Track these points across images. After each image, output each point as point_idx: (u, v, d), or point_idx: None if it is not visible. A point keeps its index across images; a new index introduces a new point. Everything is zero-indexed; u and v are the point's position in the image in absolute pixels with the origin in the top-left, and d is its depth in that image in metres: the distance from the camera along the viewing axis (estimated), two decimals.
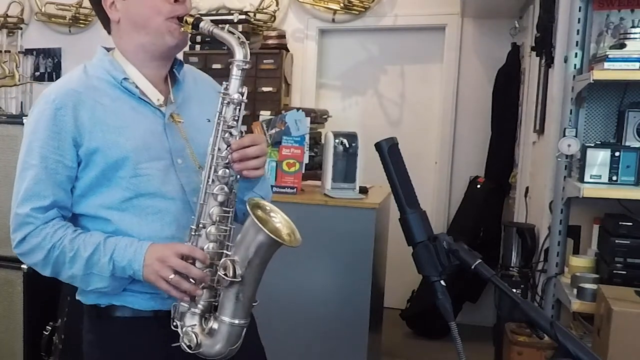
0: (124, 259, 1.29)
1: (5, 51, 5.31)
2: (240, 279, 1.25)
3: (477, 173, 4.49)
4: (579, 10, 2.54)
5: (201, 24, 1.32)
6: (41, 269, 1.35)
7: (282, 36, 4.72)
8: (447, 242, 1.04)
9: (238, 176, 1.32)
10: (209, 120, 1.38)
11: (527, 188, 3.59)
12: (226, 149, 1.29)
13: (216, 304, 1.30)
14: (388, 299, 3.81)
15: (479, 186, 4.36)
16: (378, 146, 1.11)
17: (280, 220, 1.31)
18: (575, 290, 2.39)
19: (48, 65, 5.43)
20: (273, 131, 3.22)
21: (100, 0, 1.40)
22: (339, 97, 4.99)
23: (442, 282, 1.03)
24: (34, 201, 1.31)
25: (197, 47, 4.77)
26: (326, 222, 2.94)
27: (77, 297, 1.43)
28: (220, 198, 1.29)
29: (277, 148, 3.10)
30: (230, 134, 1.29)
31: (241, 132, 1.31)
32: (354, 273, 2.92)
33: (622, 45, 2.34)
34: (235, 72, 1.30)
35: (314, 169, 3.50)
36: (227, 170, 1.30)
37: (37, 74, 5.45)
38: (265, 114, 4.21)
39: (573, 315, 2.54)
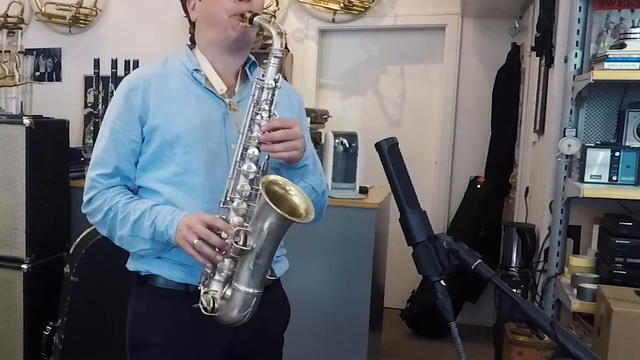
0: (162, 224, 1.42)
1: (5, 51, 5.30)
2: (250, 248, 1.33)
3: (477, 173, 4.49)
4: (579, 10, 2.54)
5: (255, 19, 1.45)
6: (100, 228, 1.53)
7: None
8: (447, 242, 1.04)
9: (267, 156, 1.41)
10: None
11: (527, 188, 3.60)
12: (258, 130, 1.39)
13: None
14: (388, 299, 3.81)
15: (479, 186, 4.36)
16: (378, 146, 1.11)
17: (296, 193, 1.38)
18: (575, 290, 2.40)
19: (48, 65, 5.43)
20: None
21: (185, 1, 1.57)
22: (339, 97, 4.99)
23: (442, 282, 1.04)
24: (100, 168, 1.50)
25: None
26: (326, 222, 2.93)
27: (126, 265, 1.58)
28: (248, 175, 1.38)
29: None
30: (261, 116, 1.39)
31: (273, 115, 1.40)
32: (354, 273, 2.92)
33: (622, 45, 2.34)
34: (273, 61, 1.41)
35: None
36: (256, 150, 1.39)
37: (37, 74, 5.44)
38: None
39: (573, 315, 2.54)
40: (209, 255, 1.35)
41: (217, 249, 1.36)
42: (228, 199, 1.40)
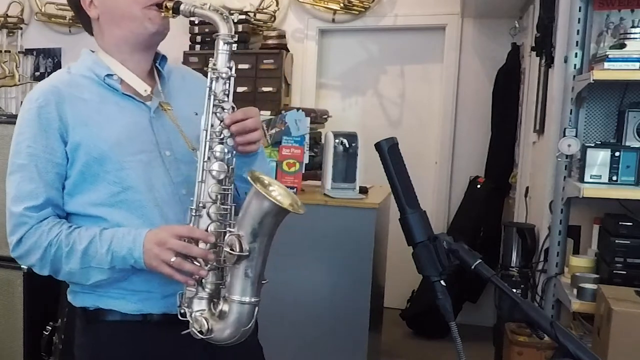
0: (122, 248, 1.26)
1: (5, 51, 5.31)
2: (248, 254, 1.21)
3: (477, 173, 4.49)
4: (579, 10, 2.54)
5: (181, 7, 1.30)
6: (39, 269, 1.33)
7: (282, 36, 4.72)
8: (447, 242, 1.04)
9: (234, 152, 1.30)
10: (197, 114, 1.36)
11: (527, 188, 3.59)
12: (220, 124, 1.27)
13: (223, 287, 1.26)
14: (388, 299, 3.81)
15: (479, 186, 4.36)
16: (378, 146, 1.11)
17: (280, 192, 1.28)
18: (575, 290, 2.39)
19: (48, 65, 5.43)
20: (273, 131, 3.22)
21: (80, 4, 1.38)
22: (339, 97, 4.99)
23: (442, 282, 1.03)
24: (26, 201, 1.29)
25: (197, 47, 4.77)
26: (326, 222, 2.94)
27: (67, 299, 1.40)
28: (218, 175, 1.26)
29: (277, 148, 3.09)
30: (222, 108, 1.27)
31: (232, 107, 1.29)
32: (354, 273, 2.92)
33: (622, 45, 2.34)
34: (222, 47, 1.27)
35: (314, 169, 3.49)
36: (223, 147, 1.27)
37: (37, 74, 5.45)
38: (265, 114, 4.20)
39: (573, 315, 2.54)
40: (191, 272, 1.22)
41: (199, 263, 1.23)
42: (200, 204, 1.26)
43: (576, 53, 2.56)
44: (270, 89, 4.57)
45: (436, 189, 4.70)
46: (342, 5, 4.68)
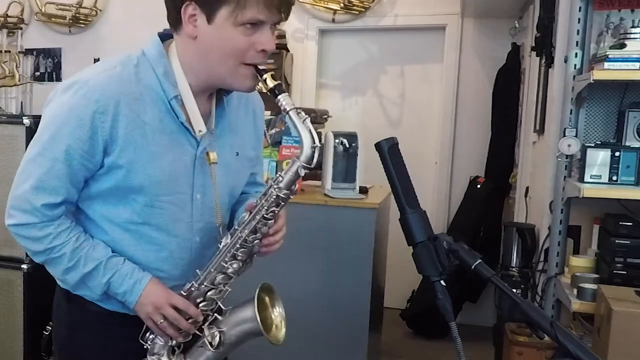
0: (121, 286, 1.29)
1: (5, 51, 5.30)
2: (219, 350, 1.32)
3: (477, 173, 4.49)
4: (579, 10, 2.54)
5: (280, 97, 1.22)
6: (32, 255, 1.33)
7: (282, 36, 4.72)
8: (447, 242, 1.04)
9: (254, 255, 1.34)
10: (237, 154, 1.39)
11: (527, 188, 3.59)
12: (255, 235, 1.29)
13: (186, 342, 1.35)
14: (388, 299, 3.81)
15: (479, 186, 4.36)
16: (378, 146, 1.11)
17: (278, 314, 1.41)
18: (575, 290, 2.39)
19: (48, 65, 5.43)
20: (273, 131, 3.22)
21: (180, 6, 1.24)
22: (339, 97, 4.99)
23: (442, 282, 1.03)
24: (46, 196, 1.26)
25: None
26: (326, 222, 2.94)
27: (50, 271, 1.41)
28: (230, 271, 1.31)
29: (277, 148, 3.10)
30: (266, 224, 1.28)
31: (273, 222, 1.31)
32: (354, 273, 2.92)
33: (622, 45, 2.34)
34: (294, 170, 1.26)
35: (314, 169, 3.49)
36: (245, 250, 1.30)
37: (37, 74, 5.44)
38: (265, 114, 4.20)
39: (573, 315, 2.54)
40: (171, 335, 1.31)
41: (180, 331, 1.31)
42: (203, 286, 1.31)
43: (576, 53, 2.56)
44: None
45: (436, 189, 4.70)
46: (342, 5, 4.68)
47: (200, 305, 1.31)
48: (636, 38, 2.34)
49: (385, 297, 3.62)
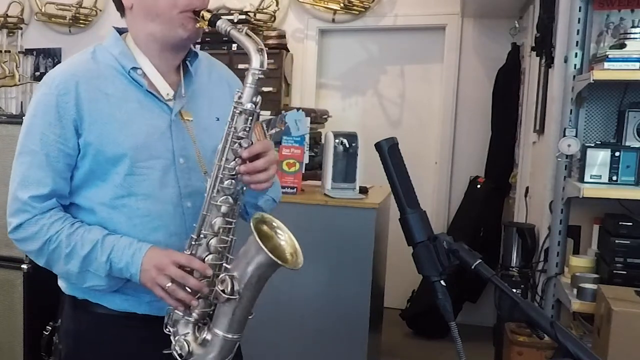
0: (121, 261, 1.27)
1: (5, 51, 5.31)
2: (237, 296, 1.21)
3: (477, 173, 4.49)
4: (579, 10, 2.54)
5: (219, 22, 1.26)
6: (35, 258, 1.34)
7: (282, 36, 4.72)
8: (447, 242, 1.04)
9: (244, 188, 1.28)
10: (218, 119, 1.36)
11: (527, 188, 3.59)
12: (234, 160, 1.24)
13: (211, 312, 1.27)
14: (388, 299, 3.81)
15: (479, 186, 4.36)
16: (378, 146, 1.11)
17: (285, 238, 1.27)
18: (575, 290, 2.39)
19: (48, 65, 5.43)
20: (273, 131, 3.22)
21: None
22: (339, 97, 4.99)
23: (442, 282, 1.03)
24: (33, 188, 1.29)
25: (197, 47, 4.76)
26: (326, 222, 2.94)
27: (58, 283, 1.42)
28: (223, 209, 1.25)
29: (277, 148, 3.09)
30: (240, 145, 1.23)
31: (251, 143, 1.26)
32: (354, 273, 2.92)
33: (622, 45, 2.34)
34: (250, 81, 1.23)
35: (314, 169, 3.50)
36: (233, 182, 1.25)
37: (37, 74, 5.44)
38: (265, 114, 4.20)
39: (573, 315, 2.54)
40: (184, 300, 1.23)
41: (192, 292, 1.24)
42: (202, 235, 1.25)
43: (576, 53, 2.56)
44: (270, 89, 4.56)
45: (436, 189, 4.70)
46: (342, 5, 4.68)
47: (207, 258, 1.25)
48: (636, 38, 2.34)
49: (385, 297, 3.62)
